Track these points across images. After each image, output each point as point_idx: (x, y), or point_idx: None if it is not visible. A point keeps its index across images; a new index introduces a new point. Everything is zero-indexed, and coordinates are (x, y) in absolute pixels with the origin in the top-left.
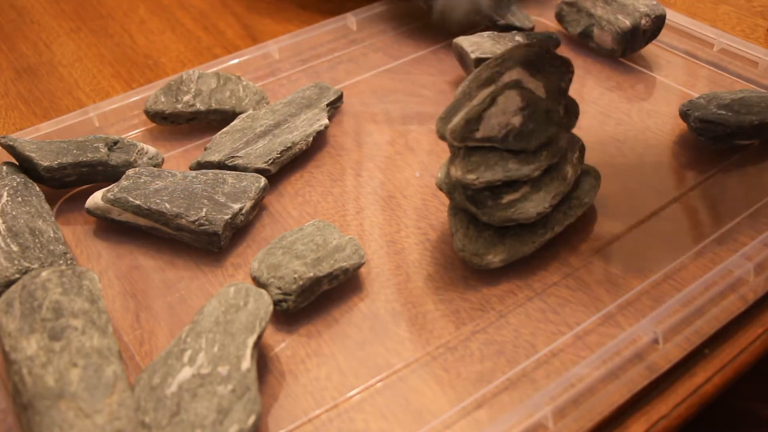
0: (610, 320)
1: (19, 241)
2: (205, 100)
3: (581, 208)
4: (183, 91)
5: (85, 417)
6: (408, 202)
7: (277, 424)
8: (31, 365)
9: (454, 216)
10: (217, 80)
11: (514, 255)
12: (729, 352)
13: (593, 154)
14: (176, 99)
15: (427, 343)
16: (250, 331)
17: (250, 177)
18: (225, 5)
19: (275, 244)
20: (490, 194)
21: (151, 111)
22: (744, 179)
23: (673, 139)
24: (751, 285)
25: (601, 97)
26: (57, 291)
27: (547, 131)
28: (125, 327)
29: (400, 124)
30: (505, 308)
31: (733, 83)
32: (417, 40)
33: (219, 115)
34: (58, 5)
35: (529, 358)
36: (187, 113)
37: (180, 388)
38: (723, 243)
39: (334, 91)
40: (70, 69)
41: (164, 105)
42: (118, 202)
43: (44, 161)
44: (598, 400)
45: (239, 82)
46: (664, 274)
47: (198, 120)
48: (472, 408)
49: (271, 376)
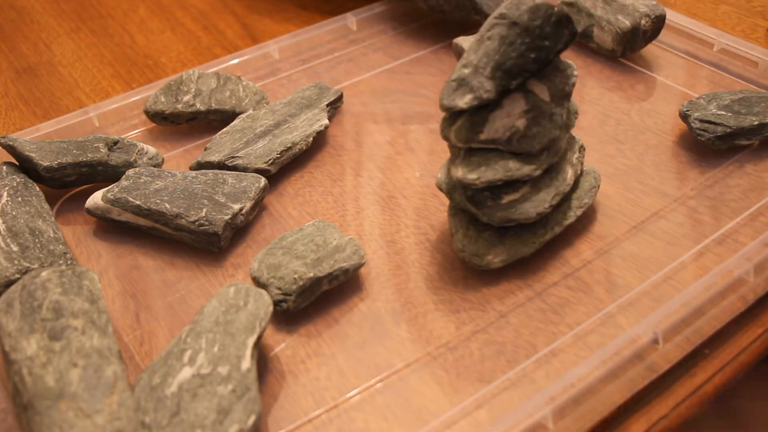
0: (610, 320)
1: (19, 241)
2: (205, 100)
3: (581, 208)
4: (183, 91)
5: (85, 417)
6: (408, 202)
7: (277, 424)
8: (31, 365)
9: (454, 216)
10: (217, 80)
11: (514, 255)
12: (729, 352)
13: (593, 154)
14: (176, 99)
15: (427, 343)
16: (250, 332)
17: (250, 177)
18: (225, 5)
19: (275, 244)
20: (490, 194)
21: (150, 111)
22: (744, 179)
23: (673, 139)
24: (751, 285)
25: (601, 97)
26: (57, 291)
27: (550, 134)
28: (125, 327)
29: (400, 124)
30: (505, 308)
31: (733, 83)
32: (417, 40)
33: (219, 115)
34: (58, 5)
35: (529, 358)
36: (187, 113)
37: (180, 388)
38: (723, 243)
39: (335, 91)
40: (70, 69)
41: (164, 105)
42: (118, 202)
43: (44, 161)
44: (598, 400)
45: (239, 82)
46: (664, 274)
47: (198, 120)
48: (472, 408)
49: (271, 376)
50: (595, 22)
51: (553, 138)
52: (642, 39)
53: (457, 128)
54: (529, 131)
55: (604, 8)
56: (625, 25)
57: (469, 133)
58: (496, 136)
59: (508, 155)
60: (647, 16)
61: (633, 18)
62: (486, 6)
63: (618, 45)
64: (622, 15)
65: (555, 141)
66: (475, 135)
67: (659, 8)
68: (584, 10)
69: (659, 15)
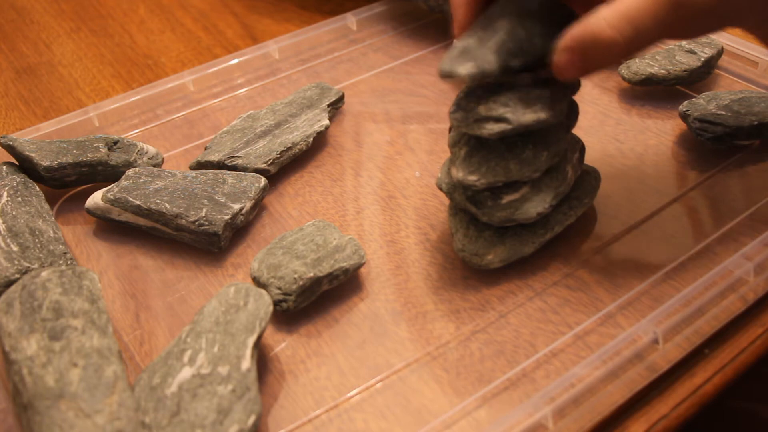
0: (610, 320)
1: (19, 241)
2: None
3: (581, 208)
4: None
5: (86, 417)
6: (408, 202)
7: (277, 424)
8: (31, 365)
9: (454, 216)
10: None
11: (514, 255)
12: (729, 352)
13: (593, 154)
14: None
15: (427, 343)
16: (250, 332)
17: (250, 177)
18: (225, 5)
19: (275, 244)
20: (490, 194)
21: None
22: (744, 179)
23: (673, 139)
24: (751, 285)
25: (601, 97)
26: (57, 291)
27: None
28: (125, 327)
29: (400, 124)
30: (505, 308)
31: (732, 83)
32: (417, 40)
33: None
34: (58, 5)
35: (529, 358)
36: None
37: (180, 388)
38: (723, 243)
39: (336, 92)
40: (70, 69)
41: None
42: (118, 202)
43: (44, 161)
44: (598, 400)
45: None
46: (664, 274)
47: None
48: (472, 408)
49: (271, 376)
50: None
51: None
52: None
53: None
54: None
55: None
56: None
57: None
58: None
59: (508, 156)
60: None
61: None
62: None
63: None
64: None
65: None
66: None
67: None
68: None
69: None
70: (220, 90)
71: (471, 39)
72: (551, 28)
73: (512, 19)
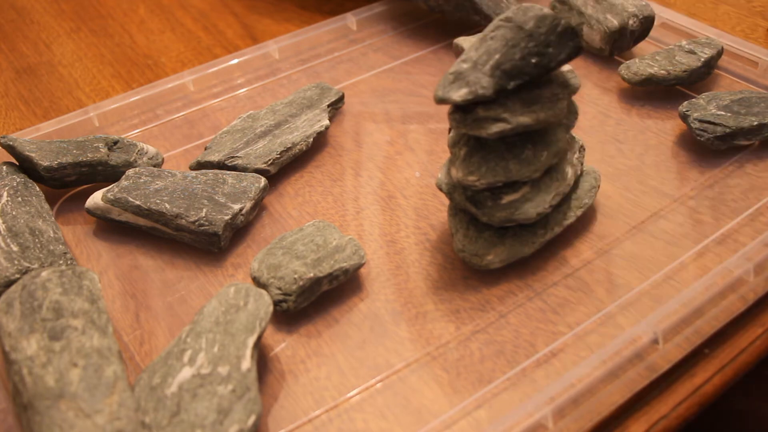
0: (610, 320)
1: (19, 241)
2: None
3: (581, 208)
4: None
5: (86, 417)
6: (408, 202)
7: (277, 424)
8: (31, 365)
9: (454, 216)
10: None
11: (514, 255)
12: (729, 352)
13: (593, 154)
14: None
15: (427, 343)
16: (250, 332)
17: (250, 177)
18: (225, 5)
19: (275, 244)
20: (490, 194)
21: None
22: (744, 179)
23: (673, 139)
24: (751, 285)
25: (601, 97)
26: (57, 291)
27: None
28: (125, 327)
29: (400, 124)
30: (505, 308)
31: (732, 83)
32: (417, 40)
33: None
34: (58, 5)
35: (529, 358)
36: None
37: (180, 388)
38: (723, 243)
39: (336, 92)
40: (70, 69)
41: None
42: (118, 202)
43: (44, 161)
44: (598, 400)
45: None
46: (664, 274)
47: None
48: (472, 408)
49: (271, 376)
50: (585, 21)
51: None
52: (630, 39)
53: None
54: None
55: (594, 7)
56: (613, 25)
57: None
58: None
59: (508, 156)
60: (635, 16)
61: (621, 17)
62: (486, 6)
63: (606, 44)
64: (610, 14)
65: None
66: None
67: (648, 9)
68: (575, 8)
69: (647, 16)
70: (220, 90)
71: (465, 63)
72: (547, 47)
73: (507, 40)
